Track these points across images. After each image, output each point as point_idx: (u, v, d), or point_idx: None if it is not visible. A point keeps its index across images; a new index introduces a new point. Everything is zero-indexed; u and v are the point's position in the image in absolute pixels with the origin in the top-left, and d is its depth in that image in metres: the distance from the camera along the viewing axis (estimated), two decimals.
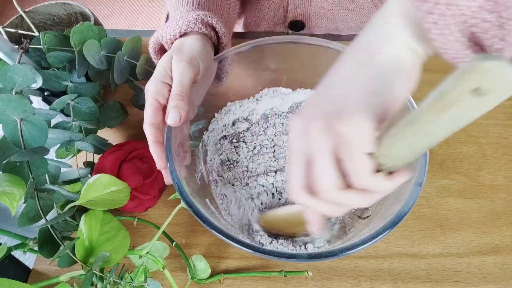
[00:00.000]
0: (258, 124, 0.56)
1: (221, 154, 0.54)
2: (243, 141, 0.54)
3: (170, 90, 0.41)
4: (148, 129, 0.40)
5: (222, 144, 0.54)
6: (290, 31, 0.72)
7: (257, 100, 0.56)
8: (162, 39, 0.45)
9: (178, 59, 0.40)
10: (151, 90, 0.40)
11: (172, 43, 0.45)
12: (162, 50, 0.48)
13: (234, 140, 0.54)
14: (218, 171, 0.52)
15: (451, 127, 0.23)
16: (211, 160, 0.53)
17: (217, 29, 0.47)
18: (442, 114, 0.22)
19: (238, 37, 0.70)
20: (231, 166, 0.53)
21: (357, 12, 0.67)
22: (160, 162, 0.41)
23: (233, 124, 0.56)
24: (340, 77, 0.30)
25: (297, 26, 0.70)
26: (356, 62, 0.29)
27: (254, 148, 0.54)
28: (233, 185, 0.51)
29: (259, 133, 0.55)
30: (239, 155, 0.53)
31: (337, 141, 0.27)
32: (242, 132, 0.55)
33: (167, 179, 0.41)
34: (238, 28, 0.80)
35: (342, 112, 0.27)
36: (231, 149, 0.54)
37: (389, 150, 0.26)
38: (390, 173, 0.27)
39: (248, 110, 0.56)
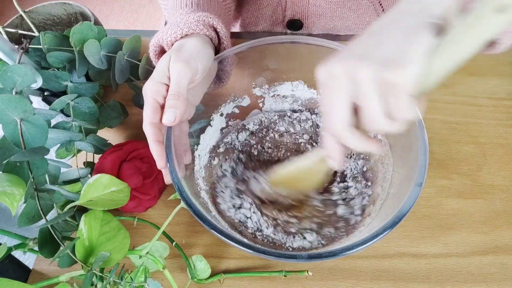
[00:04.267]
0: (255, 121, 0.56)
1: (219, 152, 0.54)
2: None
3: (168, 90, 0.41)
4: (148, 129, 0.40)
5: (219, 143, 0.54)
6: (288, 31, 0.72)
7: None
8: (163, 41, 0.45)
9: (175, 59, 0.40)
10: (150, 89, 0.40)
11: (173, 44, 0.45)
12: (162, 53, 0.48)
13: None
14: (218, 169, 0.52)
15: (475, 43, 0.26)
16: (210, 159, 0.53)
17: (218, 30, 0.46)
18: (470, 30, 0.26)
19: (236, 37, 0.70)
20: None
21: (355, 10, 0.67)
22: (160, 162, 0.41)
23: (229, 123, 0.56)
24: (383, 26, 0.31)
25: (295, 25, 0.70)
26: (399, 14, 0.31)
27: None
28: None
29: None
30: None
31: (386, 88, 0.29)
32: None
33: (167, 179, 0.41)
34: (236, 28, 0.80)
35: (392, 60, 0.28)
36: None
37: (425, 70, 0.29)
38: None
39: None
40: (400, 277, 0.46)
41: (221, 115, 0.54)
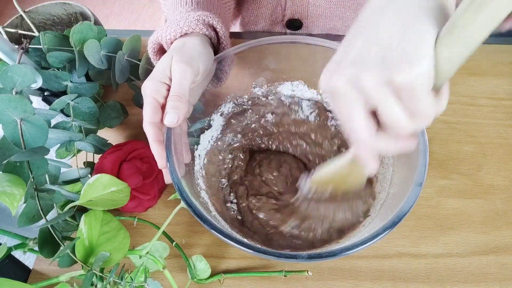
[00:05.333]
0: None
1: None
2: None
3: (168, 90, 0.41)
4: (149, 128, 0.40)
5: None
6: (287, 30, 0.72)
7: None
8: (162, 39, 0.45)
9: (178, 59, 0.40)
10: (149, 88, 0.40)
11: (172, 43, 0.45)
12: (161, 51, 0.48)
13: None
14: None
15: (487, 26, 0.23)
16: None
17: (217, 30, 0.47)
18: (479, 12, 0.23)
19: (236, 37, 0.70)
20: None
21: (355, 10, 0.67)
22: (161, 161, 0.41)
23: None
24: (372, 17, 0.29)
25: (294, 25, 0.70)
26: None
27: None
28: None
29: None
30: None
31: (397, 91, 0.26)
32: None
33: (167, 178, 0.42)
34: (235, 27, 0.80)
35: (394, 61, 0.26)
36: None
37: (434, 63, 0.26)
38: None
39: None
40: (400, 277, 0.46)
41: (221, 115, 0.54)
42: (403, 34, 0.26)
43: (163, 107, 0.41)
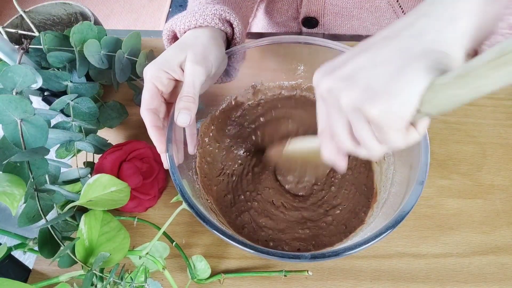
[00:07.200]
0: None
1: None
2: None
3: (169, 79, 0.41)
4: (146, 114, 0.40)
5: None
6: (303, 28, 0.71)
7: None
8: (176, 27, 0.45)
9: (191, 59, 0.40)
10: (150, 74, 0.40)
11: (185, 32, 0.44)
12: (175, 38, 0.48)
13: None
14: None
15: (501, 82, 0.24)
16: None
17: (234, 26, 0.46)
18: (498, 70, 0.23)
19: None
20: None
21: (373, 12, 0.66)
22: (159, 146, 0.41)
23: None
24: (385, 42, 0.30)
25: (311, 23, 0.70)
26: (405, 32, 0.29)
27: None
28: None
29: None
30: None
31: (369, 118, 0.28)
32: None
33: (166, 164, 0.42)
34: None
35: (376, 93, 0.27)
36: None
37: (432, 97, 0.27)
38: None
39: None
40: (400, 277, 0.46)
41: (221, 112, 0.54)
42: (396, 74, 0.27)
43: (162, 94, 0.42)
